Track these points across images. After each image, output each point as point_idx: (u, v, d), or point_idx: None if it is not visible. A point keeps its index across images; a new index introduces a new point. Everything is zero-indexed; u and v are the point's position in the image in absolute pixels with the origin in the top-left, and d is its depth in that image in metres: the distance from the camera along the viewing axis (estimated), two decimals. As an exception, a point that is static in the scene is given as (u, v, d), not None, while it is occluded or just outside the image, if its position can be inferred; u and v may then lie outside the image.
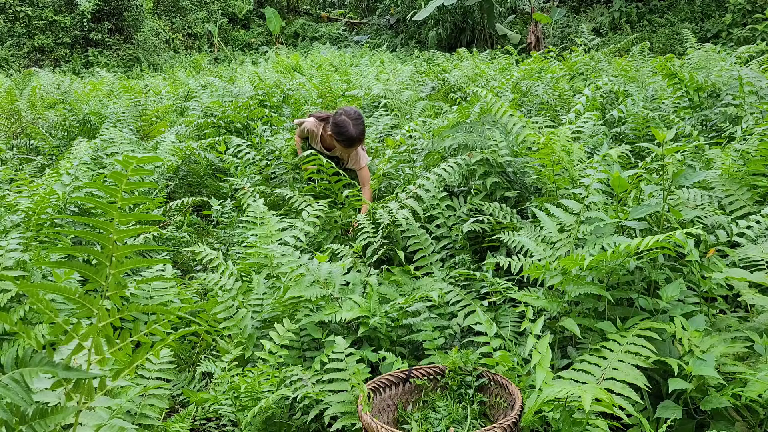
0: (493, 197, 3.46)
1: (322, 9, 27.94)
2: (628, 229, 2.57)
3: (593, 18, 17.49)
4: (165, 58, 19.14)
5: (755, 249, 2.44)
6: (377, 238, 3.23)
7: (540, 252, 2.63)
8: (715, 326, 2.27)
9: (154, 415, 2.20)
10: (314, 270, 2.73)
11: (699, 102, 4.73)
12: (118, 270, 1.48)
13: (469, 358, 2.23)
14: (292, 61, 13.28)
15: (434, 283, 2.83)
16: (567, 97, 5.53)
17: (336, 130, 3.98)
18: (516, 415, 1.92)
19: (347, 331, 2.64)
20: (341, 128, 3.97)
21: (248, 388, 2.26)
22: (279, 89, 7.57)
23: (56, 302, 2.64)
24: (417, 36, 20.84)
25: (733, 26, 13.83)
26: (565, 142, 3.12)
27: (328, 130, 4.05)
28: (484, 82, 7.46)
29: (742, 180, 3.11)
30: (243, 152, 4.92)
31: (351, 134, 3.95)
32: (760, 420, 1.97)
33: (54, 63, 17.73)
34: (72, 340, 1.49)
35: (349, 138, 3.96)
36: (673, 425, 2.03)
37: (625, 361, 2.02)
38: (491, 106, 3.48)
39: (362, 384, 2.15)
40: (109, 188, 1.47)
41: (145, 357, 1.55)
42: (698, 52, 7.49)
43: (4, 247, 2.80)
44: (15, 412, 1.33)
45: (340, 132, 3.97)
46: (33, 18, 18.07)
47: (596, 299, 2.34)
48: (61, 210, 3.60)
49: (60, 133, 6.62)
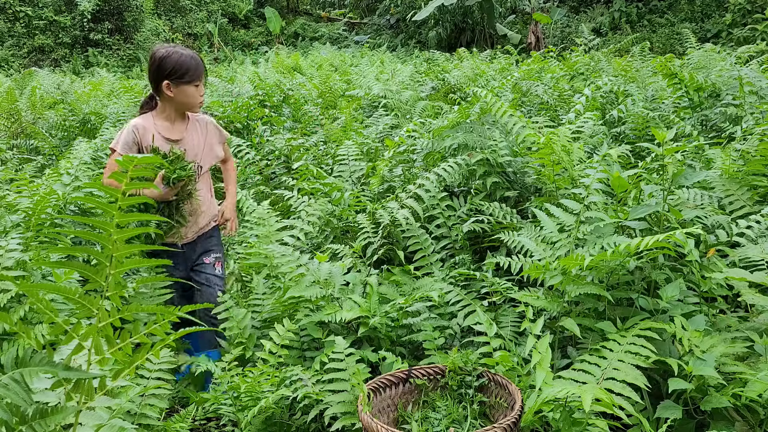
0: (493, 197, 3.46)
1: (322, 9, 27.94)
2: (628, 229, 2.57)
3: (593, 18, 17.49)
4: (165, 58, 19.10)
5: (755, 249, 2.44)
6: (377, 238, 3.23)
7: (540, 252, 2.63)
8: (715, 326, 2.27)
9: (154, 415, 2.20)
10: (314, 270, 2.73)
11: (699, 102, 4.73)
12: (118, 270, 1.48)
13: (469, 358, 2.23)
14: (292, 61, 13.28)
15: (434, 283, 2.83)
16: (567, 97, 5.53)
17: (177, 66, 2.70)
18: (516, 415, 1.92)
19: (347, 331, 2.64)
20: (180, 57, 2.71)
21: (248, 388, 2.26)
22: (279, 89, 7.57)
23: (56, 302, 2.63)
24: (417, 36, 20.83)
25: (733, 26, 13.83)
26: (565, 142, 3.12)
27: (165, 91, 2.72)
28: (484, 82, 7.46)
29: (742, 180, 3.11)
30: (243, 152, 4.92)
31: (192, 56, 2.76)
32: (760, 420, 1.97)
33: (54, 63, 17.73)
34: (72, 340, 1.48)
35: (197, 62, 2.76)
36: (673, 425, 2.03)
37: (625, 361, 2.02)
38: (491, 106, 3.48)
39: (362, 384, 2.15)
40: (109, 188, 1.47)
41: (145, 357, 1.55)
42: (698, 52, 7.49)
43: (4, 247, 2.80)
44: (15, 412, 1.33)
45: (183, 62, 2.71)
46: (33, 18, 18.07)
47: (596, 299, 2.34)
48: (61, 210, 3.60)
49: (60, 133, 6.62)
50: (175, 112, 2.82)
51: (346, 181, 4.34)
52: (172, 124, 2.82)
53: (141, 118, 2.78)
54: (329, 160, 4.82)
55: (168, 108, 2.79)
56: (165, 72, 2.71)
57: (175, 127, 2.82)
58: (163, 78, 2.71)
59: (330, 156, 4.87)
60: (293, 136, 5.21)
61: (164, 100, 2.78)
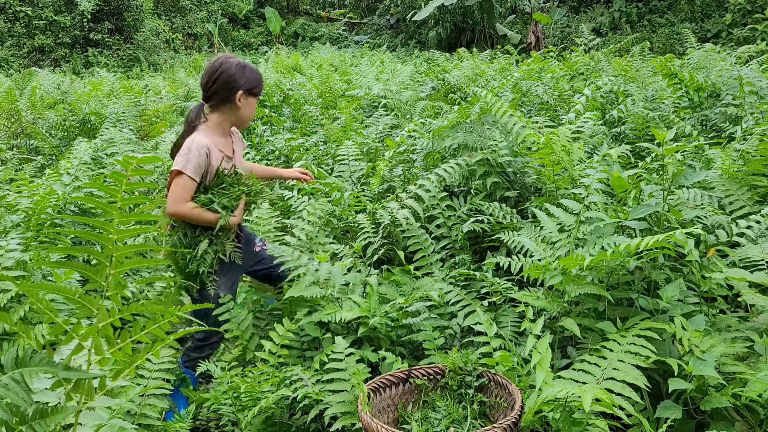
0: (493, 197, 3.46)
1: (322, 9, 27.94)
2: (628, 229, 2.57)
3: (593, 18, 17.49)
4: (165, 58, 19.13)
5: (755, 249, 2.44)
6: (377, 238, 3.23)
7: (540, 252, 2.63)
8: (715, 326, 2.27)
9: (154, 415, 2.20)
10: (314, 270, 2.73)
11: (699, 102, 4.73)
12: (118, 270, 1.48)
13: (469, 358, 2.23)
14: (292, 61, 13.28)
15: (434, 283, 2.83)
16: (567, 97, 5.53)
17: (254, 78, 2.72)
18: (516, 415, 1.92)
19: (347, 331, 2.64)
20: (253, 69, 2.75)
21: (248, 388, 2.26)
22: (279, 89, 7.57)
23: (56, 302, 2.64)
24: (417, 36, 20.83)
25: (733, 26, 13.83)
26: (565, 142, 3.12)
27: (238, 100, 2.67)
28: (484, 82, 7.46)
29: (742, 180, 3.11)
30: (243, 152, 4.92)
31: (257, 69, 2.81)
32: (760, 420, 1.97)
33: (54, 63, 17.73)
34: (72, 340, 1.49)
35: (261, 76, 2.82)
36: (673, 425, 2.03)
37: (625, 361, 2.02)
38: (491, 106, 3.48)
39: (362, 384, 2.15)
40: (109, 188, 1.47)
41: (145, 357, 1.55)
42: (698, 52, 7.49)
43: (4, 247, 2.80)
44: (15, 412, 1.33)
45: (256, 74, 2.75)
46: (33, 18, 18.07)
47: (596, 299, 2.34)
48: (61, 210, 3.60)
49: (60, 133, 6.63)
50: (230, 126, 2.74)
51: (346, 181, 4.34)
52: (225, 138, 2.72)
53: (202, 136, 2.60)
54: (329, 160, 4.82)
55: (226, 121, 2.69)
56: (241, 82, 2.64)
57: (227, 141, 2.73)
58: (239, 88, 2.64)
59: (330, 156, 4.87)
60: (293, 136, 5.21)
61: (225, 112, 2.68)
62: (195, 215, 2.53)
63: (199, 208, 2.53)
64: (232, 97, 2.64)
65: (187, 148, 2.53)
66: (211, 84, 2.65)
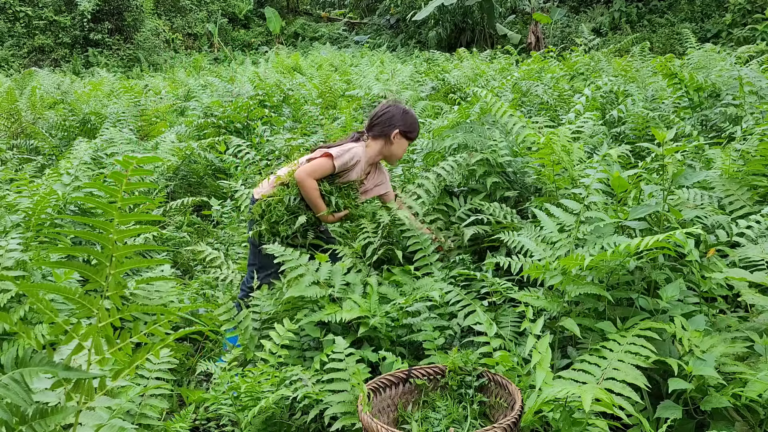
0: (493, 197, 3.46)
1: (322, 9, 27.94)
2: (628, 229, 2.57)
3: (593, 18, 17.49)
4: (165, 58, 19.15)
5: (755, 249, 2.43)
6: (377, 238, 3.23)
7: (540, 252, 2.63)
8: (715, 326, 2.27)
9: (154, 415, 2.20)
10: (314, 270, 2.73)
11: (699, 102, 4.72)
12: (118, 270, 1.48)
13: (469, 358, 2.23)
14: (292, 61, 13.29)
15: (434, 283, 2.82)
16: (567, 97, 5.53)
17: (411, 123, 3.21)
18: (516, 415, 1.92)
19: (347, 331, 2.64)
20: (415, 117, 3.26)
21: (248, 388, 2.26)
22: (279, 89, 7.58)
23: (56, 302, 2.64)
24: (417, 36, 20.84)
25: (733, 26, 13.83)
26: (565, 142, 3.12)
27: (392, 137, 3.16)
28: (484, 82, 7.46)
29: (742, 180, 3.11)
30: (243, 152, 4.93)
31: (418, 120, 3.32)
32: (760, 420, 1.97)
33: (54, 63, 17.73)
34: (72, 340, 1.48)
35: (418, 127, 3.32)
36: (673, 425, 2.03)
37: (625, 361, 2.01)
38: (491, 106, 3.48)
39: (362, 384, 2.15)
40: (109, 188, 1.47)
41: (145, 357, 1.55)
42: (698, 52, 7.48)
43: (4, 247, 2.80)
44: (15, 412, 1.33)
45: (416, 122, 3.25)
46: (33, 18, 18.08)
47: (596, 299, 2.34)
48: (61, 210, 3.60)
49: (60, 133, 6.63)
50: (379, 158, 3.24)
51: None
52: (370, 165, 3.24)
53: (362, 151, 3.13)
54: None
55: (376, 152, 3.19)
56: (399, 123, 3.14)
57: (370, 168, 3.25)
58: (396, 127, 3.13)
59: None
60: (293, 136, 5.21)
61: (380, 145, 3.18)
62: (313, 192, 3.01)
63: (317, 191, 3.02)
64: (388, 132, 3.14)
65: (349, 148, 3.08)
66: (376, 118, 3.18)
